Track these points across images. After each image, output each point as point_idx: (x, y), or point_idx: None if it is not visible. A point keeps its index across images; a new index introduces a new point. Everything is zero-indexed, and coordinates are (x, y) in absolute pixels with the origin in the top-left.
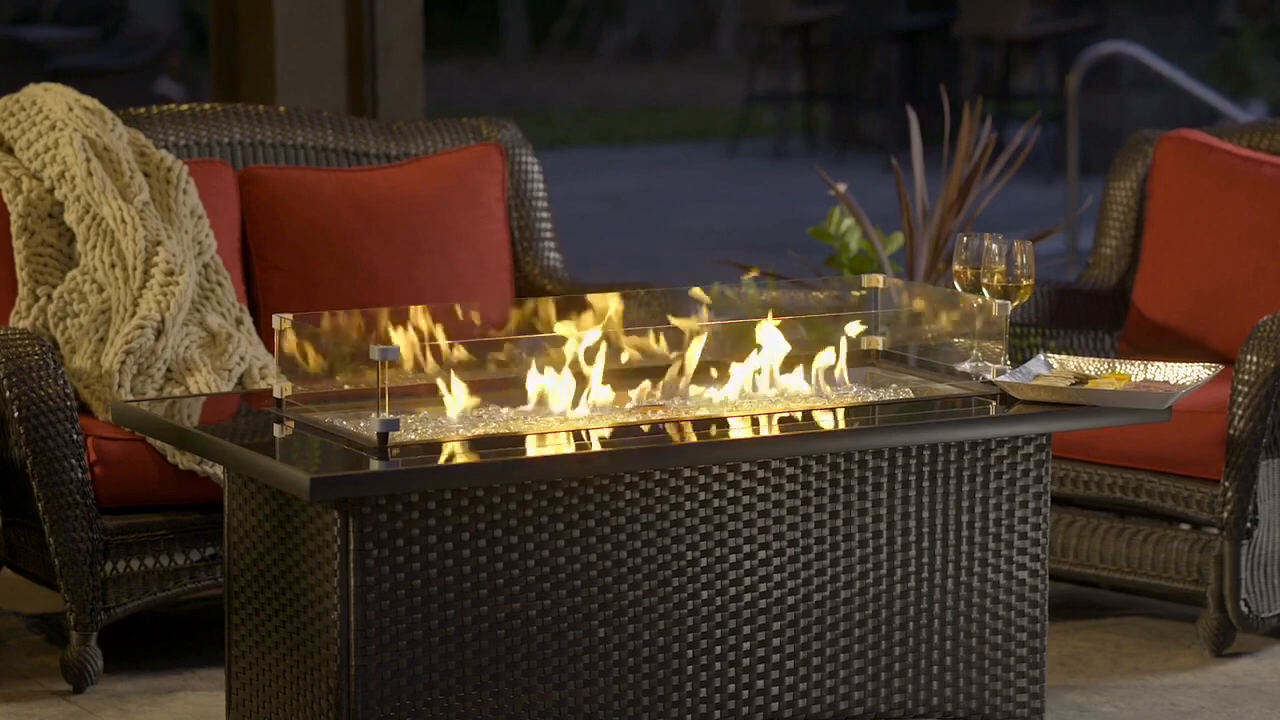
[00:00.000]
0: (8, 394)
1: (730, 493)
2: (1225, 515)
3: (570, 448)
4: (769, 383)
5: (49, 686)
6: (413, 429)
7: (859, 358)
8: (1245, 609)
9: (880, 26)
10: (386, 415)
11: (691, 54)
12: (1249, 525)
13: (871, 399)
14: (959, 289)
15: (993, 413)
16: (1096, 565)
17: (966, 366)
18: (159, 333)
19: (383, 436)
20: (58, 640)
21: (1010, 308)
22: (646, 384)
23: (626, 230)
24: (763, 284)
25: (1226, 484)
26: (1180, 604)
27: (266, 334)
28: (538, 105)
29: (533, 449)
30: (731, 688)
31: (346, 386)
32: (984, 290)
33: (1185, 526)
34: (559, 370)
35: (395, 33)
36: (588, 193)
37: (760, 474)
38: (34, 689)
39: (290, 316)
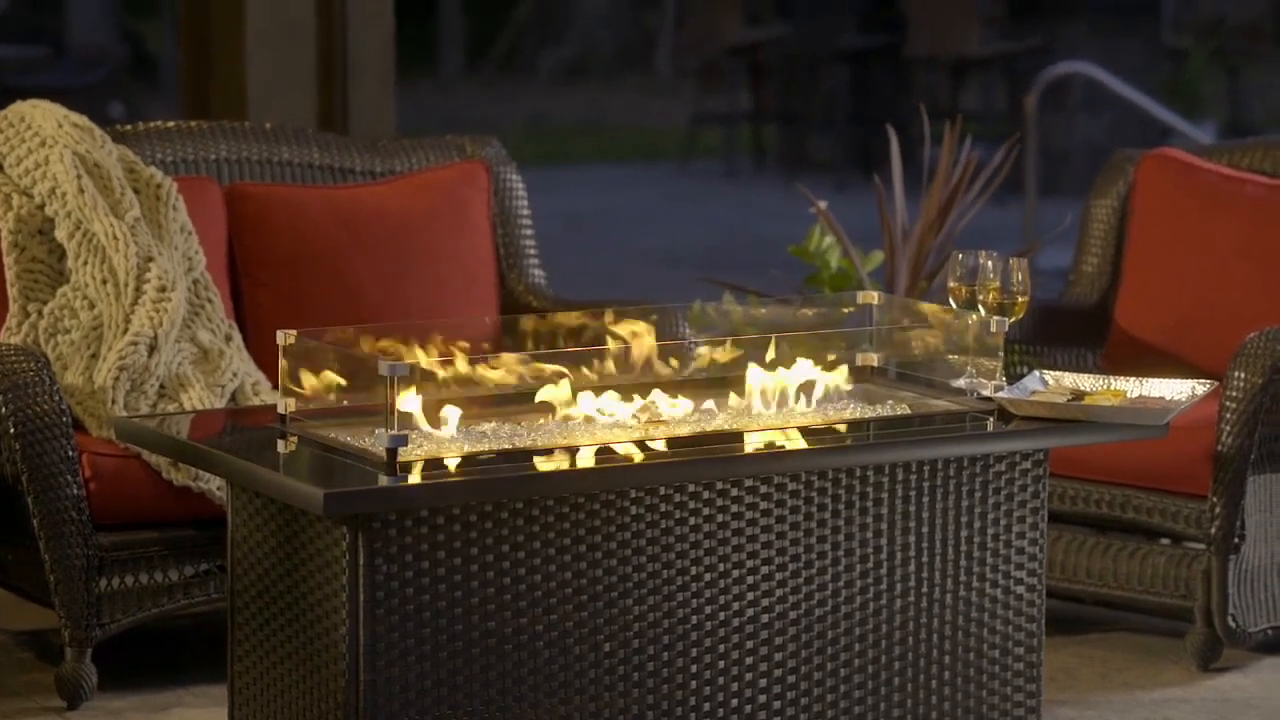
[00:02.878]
0: (3, 410)
1: (733, 508)
2: (1213, 531)
3: (577, 464)
4: (770, 399)
5: (43, 703)
6: (419, 444)
7: (854, 374)
8: (1233, 624)
9: (829, 48)
10: (395, 431)
11: (631, 74)
12: (1237, 541)
13: (869, 415)
14: (954, 305)
15: (991, 428)
16: (1083, 580)
17: (961, 383)
18: (152, 349)
19: (391, 452)
20: (48, 657)
21: (1007, 324)
22: (651, 399)
23: (585, 250)
24: (743, 299)
25: (1215, 499)
26: (1166, 619)
27: (255, 350)
28: (475, 125)
29: (540, 465)
30: (734, 701)
31: (346, 403)
32: (979, 307)
33: (1166, 541)
34: (564, 387)
35: (367, 51)
36: (539, 213)
37: (763, 489)
38: (28, 706)
39: (294, 332)
